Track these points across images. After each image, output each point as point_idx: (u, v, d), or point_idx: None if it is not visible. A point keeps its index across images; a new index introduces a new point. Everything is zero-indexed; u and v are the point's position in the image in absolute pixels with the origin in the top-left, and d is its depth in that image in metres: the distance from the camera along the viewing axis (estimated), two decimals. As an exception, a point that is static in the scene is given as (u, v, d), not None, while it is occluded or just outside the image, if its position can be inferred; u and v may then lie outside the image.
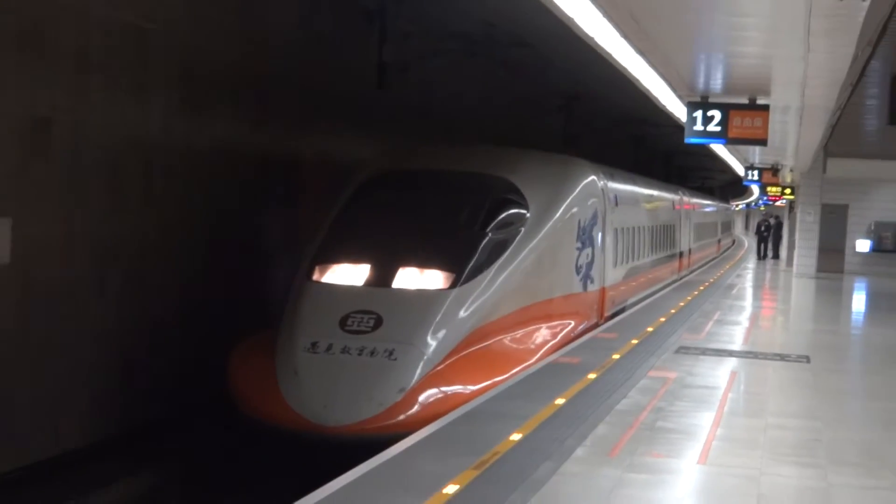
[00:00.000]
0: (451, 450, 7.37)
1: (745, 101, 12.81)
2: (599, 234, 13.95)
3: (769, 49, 10.20)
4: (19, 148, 9.49)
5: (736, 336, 15.89)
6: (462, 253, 10.15)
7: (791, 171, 28.46)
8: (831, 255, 29.53)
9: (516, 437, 7.69)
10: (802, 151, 22.09)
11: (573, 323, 12.39)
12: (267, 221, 13.96)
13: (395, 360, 8.65)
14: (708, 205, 34.96)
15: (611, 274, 15.01)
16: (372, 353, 8.68)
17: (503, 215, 10.97)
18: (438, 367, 8.93)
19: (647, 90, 13.53)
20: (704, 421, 9.01)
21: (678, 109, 14.91)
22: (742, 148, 23.42)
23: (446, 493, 6.02)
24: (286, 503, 6.12)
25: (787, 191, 31.50)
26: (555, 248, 11.88)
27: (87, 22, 10.29)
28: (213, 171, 12.14)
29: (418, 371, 8.67)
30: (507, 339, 10.31)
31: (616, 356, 12.03)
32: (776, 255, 38.08)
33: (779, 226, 39.13)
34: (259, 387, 8.88)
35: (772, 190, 32.52)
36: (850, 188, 29.62)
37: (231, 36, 13.03)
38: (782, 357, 13.48)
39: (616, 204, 15.50)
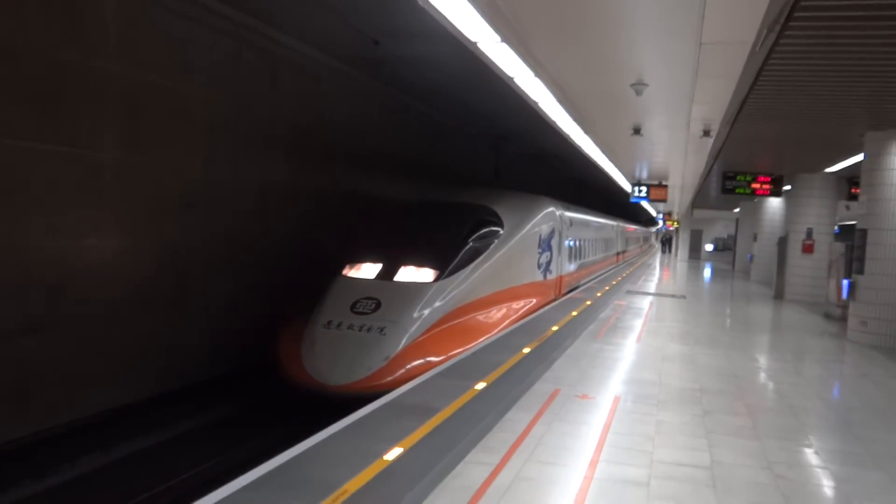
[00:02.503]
0: (505, 345, 10.26)
1: (657, 182, 20.11)
2: (556, 243, 15.19)
3: (667, 159, 16.03)
4: (260, 198, 11.71)
5: (652, 286, 22.11)
6: (447, 256, 10.47)
7: (677, 214, 43.79)
8: (694, 251, 47.91)
9: (555, 328, 11.36)
10: (682, 205, 32.92)
11: (535, 300, 13.37)
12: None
13: (385, 334, 8.77)
14: (634, 227, 45.62)
15: (566, 267, 16.78)
16: (369, 330, 8.86)
17: (483, 230, 11.45)
18: (419, 339, 9.03)
19: (608, 173, 21.63)
20: (638, 323, 13.31)
21: (624, 183, 23.33)
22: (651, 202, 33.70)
23: (524, 352, 9.24)
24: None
25: (676, 222, 47.64)
26: (521, 252, 12.48)
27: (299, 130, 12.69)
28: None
29: (402, 342, 8.76)
30: (479, 316, 10.63)
31: (599, 294, 17.38)
32: (670, 251, 55.60)
33: (670, 238, 57.22)
34: (289, 354, 9.01)
35: (669, 221, 49.65)
36: (703, 222, 50.51)
37: (423, 153, 18.54)
38: (673, 296, 19.18)
39: (570, 225, 17.32)
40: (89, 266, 8.69)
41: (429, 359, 8.77)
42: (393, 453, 5.20)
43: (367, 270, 10.42)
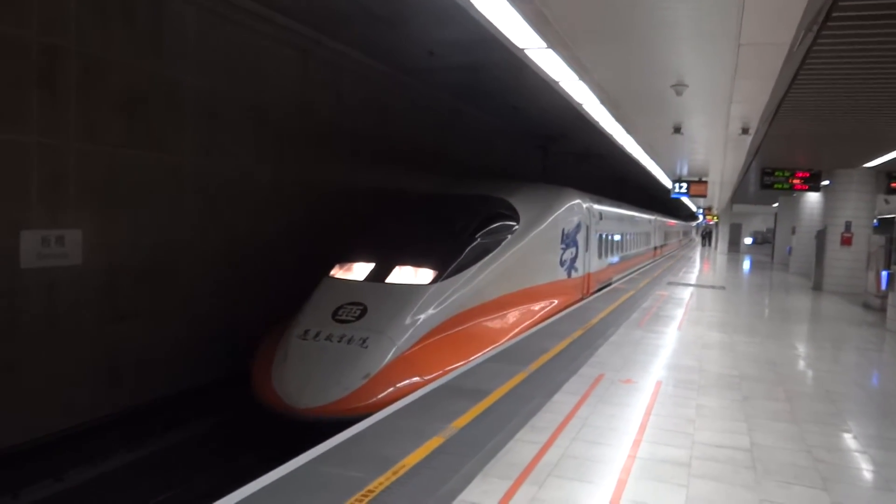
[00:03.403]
0: (552, 333, 10.68)
1: (697, 178, 19.41)
2: (583, 238, 13.36)
3: (707, 156, 15.48)
4: (323, 196, 11.73)
5: (692, 277, 21.63)
6: (450, 254, 8.84)
7: (716, 208, 41.10)
8: (734, 245, 45.47)
9: (599, 317, 11.45)
10: (722, 200, 31.62)
11: (557, 301, 11.59)
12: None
13: (366, 347, 7.13)
14: (673, 222, 44.03)
15: (595, 263, 14.87)
16: (349, 341, 7.21)
17: (495, 225, 9.84)
18: (409, 351, 7.36)
19: (649, 170, 20.90)
20: (679, 313, 13.02)
21: (665, 180, 22.79)
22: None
23: (575, 335, 9.57)
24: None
25: (715, 217, 44.85)
26: (539, 248, 10.83)
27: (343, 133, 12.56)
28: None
29: (386, 357, 7.11)
30: (487, 321, 8.96)
31: (642, 284, 17.10)
32: (710, 244, 52.42)
33: (710, 232, 53.40)
34: (260, 367, 7.45)
35: (709, 216, 46.71)
36: (742, 216, 49.70)
37: (474, 154, 18.62)
38: (713, 286, 18.75)
39: (600, 218, 15.41)
40: (174, 257, 8.94)
41: (421, 375, 7.10)
42: (447, 432, 5.24)
43: (358, 271, 8.82)
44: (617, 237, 18.17)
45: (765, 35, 5.89)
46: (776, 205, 35.28)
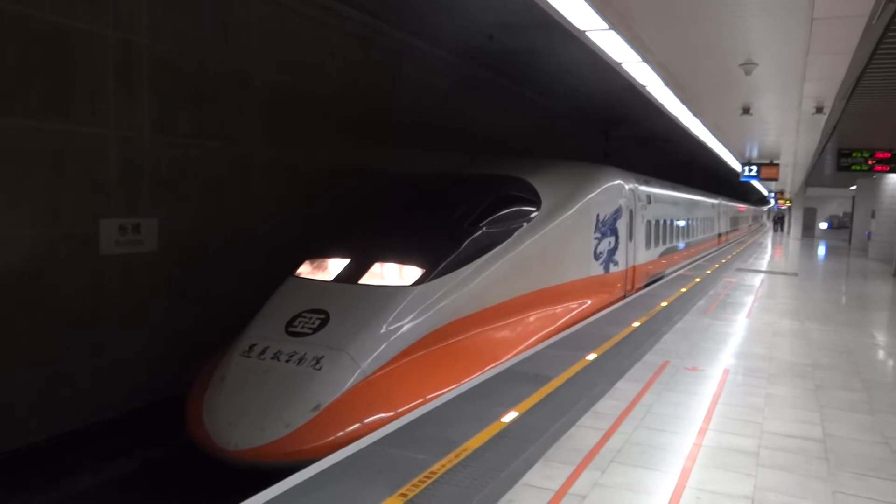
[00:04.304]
0: (615, 319, 10.72)
1: (767, 161, 18.55)
2: (624, 225, 11.47)
3: (779, 138, 14.78)
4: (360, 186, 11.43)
5: (763, 263, 21.16)
6: (443, 248, 7.20)
7: (789, 192, 39.06)
8: (808, 229, 42.97)
9: (664, 304, 11.20)
10: (794, 183, 29.74)
11: (591, 301, 9.83)
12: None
13: (320, 369, 5.61)
14: (741, 206, 41.39)
15: (642, 254, 13.03)
16: (300, 361, 5.71)
17: (506, 211, 8.23)
18: (375, 375, 5.78)
19: (717, 153, 19.66)
20: (749, 300, 12.70)
21: (734, 163, 21.60)
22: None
23: (635, 326, 9.34)
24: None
25: (788, 201, 43.09)
26: (565, 238, 9.13)
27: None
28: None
29: (346, 382, 5.57)
30: (491, 331, 7.30)
31: (708, 272, 16.74)
32: (782, 230, 52.54)
33: (782, 217, 53.83)
34: (195, 392, 5.96)
35: (781, 200, 45.71)
36: (817, 200, 46.66)
37: (533, 139, 18.23)
38: (785, 273, 18.15)
39: (649, 202, 13.57)
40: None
41: (390, 409, 5.55)
42: (509, 416, 5.27)
43: (330, 268, 7.21)
44: (671, 223, 16.29)
45: (840, 8, 5.62)
46: (854, 187, 33.75)
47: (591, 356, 7.27)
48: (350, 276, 6.91)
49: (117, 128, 7.56)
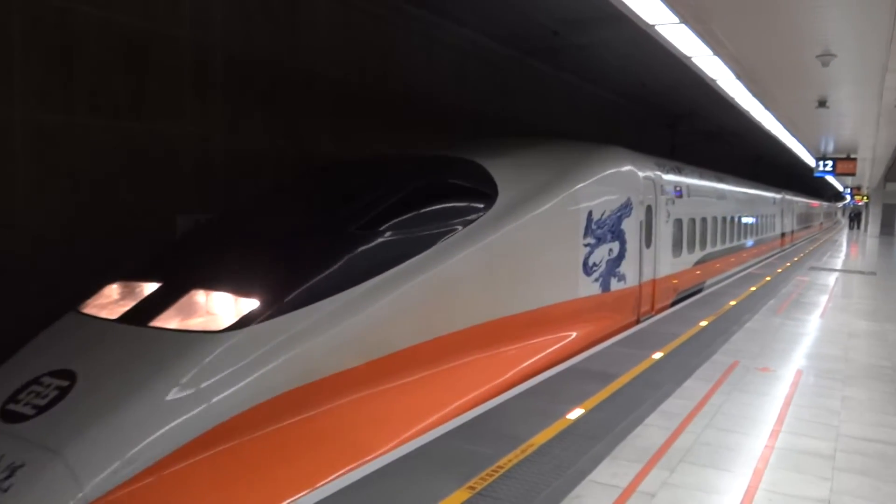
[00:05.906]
0: (682, 318, 10.98)
1: (844, 155, 17.81)
2: (634, 226, 8.82)
3: (856, 131, 14.19)
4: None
5: (838, 262, 20.53)
6: (304, 265, 4.91)
7: (866, 188, 37.48)
8: (887, 227, 40.03)
9: (733, 303, 11.12)
10: (873, 179, 28.31)
11: (575, 334, 7.26)
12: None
13: (7, 490, 3.41)
14: (812, 202, 38.24)
15: (666, 263, 10.40)
16: None
17: (431, 208, 5.80)
18: (120, 493, 3.47)
19: (789, 148, 19.23)
20: (822, 299, 12.30)
21: (807, 158, 20.90)
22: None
23: (702, 325, 9.22)
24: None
25: (865, 197, 41.50)
26: (531, 246, 6.62)
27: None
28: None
29: None
30: (381, 394, 4.90)
31: (779, 271, 16.29)
32: (859, 227, 49.70)
33: (859, 213, 51.35)
34: None
35: (858, 196, 43.13)
36: None
37: (598, 134, 17.21)
38: (861, 272, 17.50)
39: (679, 195, 10.99)
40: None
41: None
42: (574, 413, 5.28)
43: (126, 299, 5.00)
44: (713, 222, 13.44)
45: (927, -5, 5.39)
46: (938, 183, 32.19)
47: (658, 355, 7.20)
48: (142, 314, 4.59)
49: (194, 126, 7.83)
